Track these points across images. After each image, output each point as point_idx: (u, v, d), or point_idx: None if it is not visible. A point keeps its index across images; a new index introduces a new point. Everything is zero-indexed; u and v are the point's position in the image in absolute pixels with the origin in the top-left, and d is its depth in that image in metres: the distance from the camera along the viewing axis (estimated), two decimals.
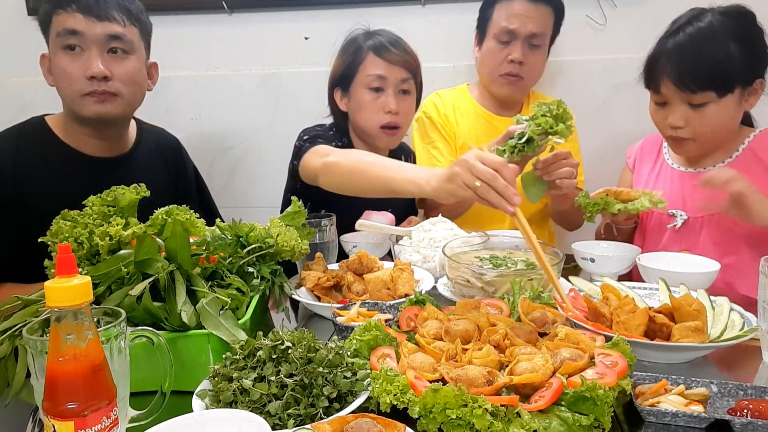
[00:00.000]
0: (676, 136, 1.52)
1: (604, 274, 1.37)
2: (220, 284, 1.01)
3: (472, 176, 1.09)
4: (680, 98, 1.47)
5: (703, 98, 1.44)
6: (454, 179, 1.13)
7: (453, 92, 2.01)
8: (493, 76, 1.87)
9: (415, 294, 1.10)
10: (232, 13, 2.22)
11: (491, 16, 1.84)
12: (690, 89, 1.43)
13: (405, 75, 1.69)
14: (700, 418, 0.78)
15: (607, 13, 2.10)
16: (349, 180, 1.39)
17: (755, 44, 1.43)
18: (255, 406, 0.76)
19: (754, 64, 1.44)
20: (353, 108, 1.73)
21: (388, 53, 1.67)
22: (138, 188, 1.11)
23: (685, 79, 1.42)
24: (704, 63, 1.41)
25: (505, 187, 1.07)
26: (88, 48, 1.42)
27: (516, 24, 1.78)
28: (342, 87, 1.75)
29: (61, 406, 0.61)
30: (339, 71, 1.74)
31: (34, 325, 0.74)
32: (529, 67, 1.84)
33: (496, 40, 1.82)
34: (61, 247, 0.62)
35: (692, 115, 1.47)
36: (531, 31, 1.79)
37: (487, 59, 1.88)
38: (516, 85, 1.87)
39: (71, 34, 1.40)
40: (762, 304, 0.98)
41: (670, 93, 1.47)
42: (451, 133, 1.93)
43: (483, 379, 0.79)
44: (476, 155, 1.11)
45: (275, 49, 2.24)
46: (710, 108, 1.45)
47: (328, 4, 2.18)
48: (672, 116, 1.49)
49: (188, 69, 2.28)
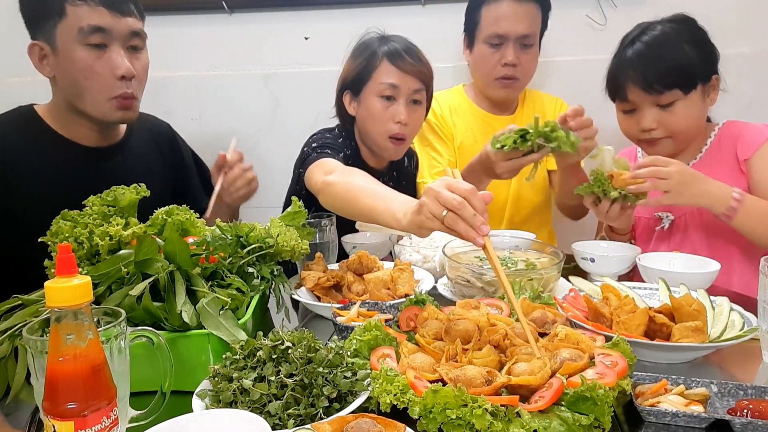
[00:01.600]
0: (650, 138, 1.59)
1: (604, 274, 1.37)
2: (220, 284, 1.01)
3: (439, 206, 0.98)
4: (649, 101, 1.55)
5: (670, 97, 1.53)
6: (422, 210, 1.02)
7: (449, 93, 2.02)
8: (488, 80, 1.87)
9: (415, 294, 1.10)
10: (232, 13, 2.22)
11: (479, 20, 1.83)
12: (657, 90, 1.52)
13: (418, 86, 1.64)
14: (700, 418, 0.78)
15: (607, 13, 2.10)
16: (341, 205, 1.36)
17: (704, 43, 1.55)
18: (255, 406, 0.76)
19: (707, 61, 1.55)
20: (362, 115, 1.69)
21: (403, 62, 1.62)
22: (138, 188, 1.11)
23: (651, 81, 1.52)
24: (666, 64, 1.51)
25: (472, 216, 0.95)
26: (111, 45, 1.36)
27: (505, 27, 1.78)
28: (352, 91, 1.70)
29: (61, 406, 0.61)
30: (351, 75, 1.69)
31: (34, 325, 0.74)
32: (522, 67, 1.84)
33: (487, 44, 1.82)
34: (61, 247, 0.62)
35: (663, 115, 1.55)
36: (521, 32, 1.79)
37: (479, 64, 1.88)
38: (512, 87, 1.88)
39: (97, 31, 1.33)
40: (762, 304, 0.98)
41: (638, 98, 1.56)
42: (449, 134, 1.94)
43: (481, 379, 0.79)
44: (444, 183, 1.00)
45: (275, 49, 2.24)
46: (678, 106, 1.53)
47: (328, 4, 2.18)
48: (643, 120, 1.57)
49: (188, 69, 2.27)
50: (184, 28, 2.24)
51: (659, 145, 1.60)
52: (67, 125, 1.45)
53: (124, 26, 1.37)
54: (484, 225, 0.95)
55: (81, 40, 1.34)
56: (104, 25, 1.34)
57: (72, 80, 1.38)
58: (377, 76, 1.63)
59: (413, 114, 1.66)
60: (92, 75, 1.36)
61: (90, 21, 1.33)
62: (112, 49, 1.37)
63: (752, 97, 2.05)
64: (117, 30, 1.36)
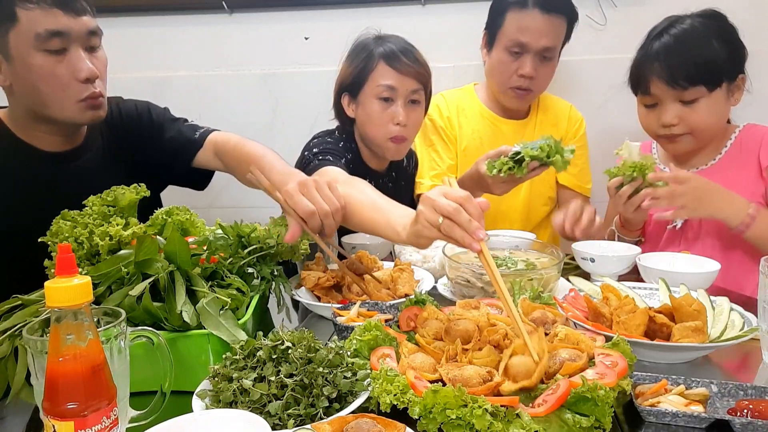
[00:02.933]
0: (670, 134, 1.56)
1: (604, 274, 1.37)
2: (220, 284, 1.01)
3: (435, 213, 0.98)
4: (672, 96, 1.52)
5: (694, 94, 1.49)
6: (418, 219, 1.02)
7: (459, 93, 1.99)
8: (503, 88, 1.85)
9: (415, 294, 1.10)
10: (232, 13, 2.22)
11: (502, 24, 1.78)
12: (681, 86, 1.48)
13: (416, 86, 1.64)
14: (700, 418, 0.78)
15: (607, 13, 2.10)
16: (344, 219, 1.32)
17: (734, 41, 1.51)
18: (255, 406, 0.76)
19: (735, 59, 1.51)
20: (362, 117, 1.69)
21: (400, 63, 1.62)
22: (138, 188, 1.11)
23: (676, 76, 1.48)
24: (692, 59, 1.48)
25: (468, 221, 0.95)
26: (71, 48, 1.28)
27: (528, 38, 1.74)
28: (351, 93, 1.70)
29: (61, 406, 0.61)
30: (348, 77, 1.69)
31: (34, 325, 0.74)
32: (539, 79, 1.81)
33: (506, 51, 1.78)
34: (61, 247, 0.62)
35: (685, 112, 1.52)
36: (543, 46, 1.75)
37: (496, 70, 1.84)
38: (525, 99, 1.86)
39: (55, 36, 1.25)
40: (762, 304, 0.98)
41: (661, 92, 1.52)
42: (453, 136, 1.92)
43: (479, 379, 0.79)
44: (440, 191, 1.00)
45: (275, 49, 2.24)
46: (702, 103, 1.50)
47: (328, 4, 2.18)
48: (665, 115, 1.54)
49: (188, 69, 2.27)
50: (184, 28, 2.23)
51: (679, 142, 1.57)
52: (27, 131, 1.38)
53: (81, 26, 1.29)
54: (479, 230, 0.95)
55: (38, 46, 1.25)
56: (62, 28, 1.26)
57: (32, 88, 1.30)
58: (374, 78, 1.63)
59: (412, 114, 1.66)
60: (54, 81, 1.28)
61: (47, 26, 1.25)
62: (72, 52, 1.29)
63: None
64: (75, 31, 1.28)
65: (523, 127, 1.94)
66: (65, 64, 1.28)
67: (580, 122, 1.97)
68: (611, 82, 2.11)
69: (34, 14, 1.24)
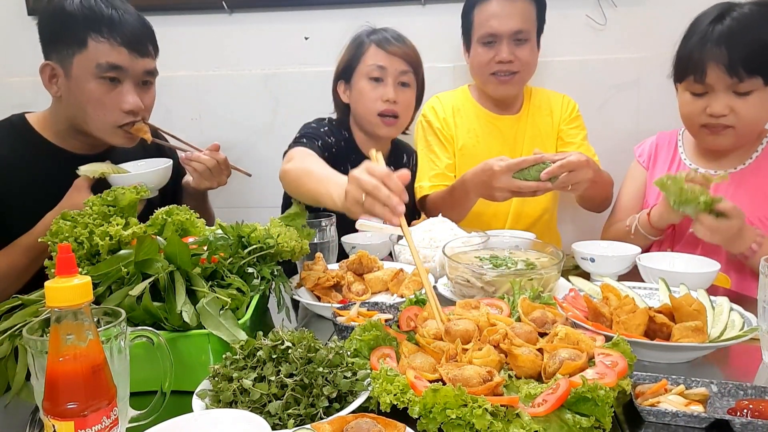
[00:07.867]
0: (717, 124, 1.49)
1: (604, 274, 1.37)
2: (220, 284, 1.01)
3: (359, 190, 1.04)
4: (727, 86, 1.45)
5: (749, 86, 1.43)
6: (348, 197, 1.09)
7: (453, 94, 2.01)
8: (484, 77, 1.87)
9: (415, 294, 1.10)
10: (232, 13, 2.22)
11: (472, 21, 1.85)
12: (738, 75, 1.42)
13: (405, 67, 1.75)
14: (700, 418, 0.78)
15: (607, 13, 2.10)
16: (295, 191, 1.41)
17: None
18: (255, 406, 0.76)
19: None
20: (354, 97, 1.80)
21: (389, 45, 1.74)
22: (138, 188, 1.11)
23: (736, 62, 1.41)
24: (755, 46, 1.41)
25: (387, 197, 1.00)
26: (125, 81, 1.41)
27: (496, 24, 1.78)
28: (345, 79, 1.82)
29: (61, 406, 0.61)
30: (342, 64, 1.82)
31: (34, 325, 0.74)
32: (519, 61, 1.82)
33: (481, 44, 1.83)
34: (61, 247, 0.62)
35: (737, 103, 1.46)
36: (513, 29, 1.78)
37: (475, 63, 1.88)
38: (510, 83, 1.86)
39: (113, 69, 1.38)
40: (762, 304, 0.98)
41: (716, 80, 1.45)
42: (450, 136, 1.94)
43: (479, 379, 0.79)
44: (365, 167, 1.05)
45: (275, 49, 2.24)
46: (755, 96, 1.45)
47: (328, 4, 2.18)
48: (715, 104, 1.47)
49: (188, 69, 2.27)
50: (184, 28, 2.24)
51: (721, 135, 1.51)
52: (60, 135, 1.48)
53: (139, 66, 1.42)
54: (399, 205, 1.01)
55: (96, 74, 1.38)
56: (121, 64, 1.39)
57: (79, 106, 1.41)
58: (365, 59, 1.76)
59: (402, 95, 1.76)
60: (100, 106, 1.40)
61: (109, 59, 1.37)
62: (125, 84, 1.41)
63: None
64: (133, 69, 1.41)
65: (517, 121, 1.95)
66: (115, 94, 1.41)
67: (573, 106, 1.98)
68: (611, 82, 2.13)
69: (102, 47, 1.37)
